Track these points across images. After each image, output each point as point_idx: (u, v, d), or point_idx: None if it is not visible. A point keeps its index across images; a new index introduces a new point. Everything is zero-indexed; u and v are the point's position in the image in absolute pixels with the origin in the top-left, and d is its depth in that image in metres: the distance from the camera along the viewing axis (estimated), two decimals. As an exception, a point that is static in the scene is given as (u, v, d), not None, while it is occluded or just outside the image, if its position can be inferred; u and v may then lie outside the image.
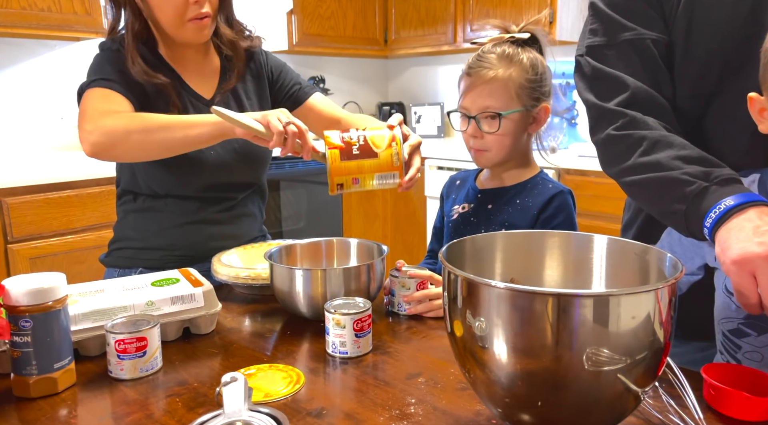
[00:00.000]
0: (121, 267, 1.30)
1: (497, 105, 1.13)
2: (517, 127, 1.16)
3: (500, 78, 1.13)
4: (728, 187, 0.78)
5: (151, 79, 1.19)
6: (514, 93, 1.13)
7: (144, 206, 1.29)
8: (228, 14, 1.31)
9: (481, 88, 1.14)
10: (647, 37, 0.94)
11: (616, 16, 0.97)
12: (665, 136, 0.88)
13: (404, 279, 1.06)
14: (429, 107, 3.93)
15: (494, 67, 1.13)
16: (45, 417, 0.74)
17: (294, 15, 3.39)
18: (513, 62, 1.13)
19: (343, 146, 1.03)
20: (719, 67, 0.92)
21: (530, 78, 1.14)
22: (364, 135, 1.04)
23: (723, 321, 0.84)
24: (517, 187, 1.20)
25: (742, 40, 0.89)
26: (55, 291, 0.78)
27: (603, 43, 0.98)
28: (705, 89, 0.94)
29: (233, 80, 1.31)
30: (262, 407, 0.69)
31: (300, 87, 1.41)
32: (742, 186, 0.79)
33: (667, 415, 0.71)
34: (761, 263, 0.68)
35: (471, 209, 1.23)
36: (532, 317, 0.56)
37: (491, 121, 1.14)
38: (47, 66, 2.85)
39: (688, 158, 0.84)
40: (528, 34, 1.17)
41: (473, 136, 1.17)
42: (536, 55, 1.16)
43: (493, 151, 1.17)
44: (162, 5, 1.16)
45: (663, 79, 0.95)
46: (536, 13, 3.08)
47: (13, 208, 2.21)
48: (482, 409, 0.74)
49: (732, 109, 0.93)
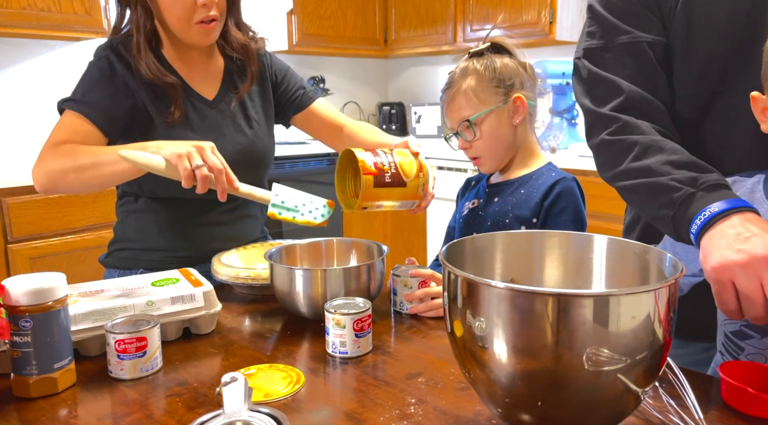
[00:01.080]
0: (122, 268, 1.30)
1: (467, 113, 1.21)
2: (496, 125, 1.21)
3: (461, 90, 1.21)
4: (714, 192, 0.78)
5: (162, 76, 1.19)
6: (475, 98, 1.20)
7: (145, 207, 1.29)
8: (237, 18, 1.31)
9: (451, 105, 1.23)
10: (643, 39, 0.95)
11: (613, 18, 0.97)
12: (656, 140, 0.88)
13: (406, 278, 1.07)
14: (429, 107, 3.94)
15: (455, 84, 1.23)
16: (45, 417, 0.74)
17: (294, 15, 3.39)
18: (468, 73, 1.21)
19: (377, 172, 1.01)
20: (719, 66, 0.92)
21: (488, 77, 1.20)
22: (395, 162, 1.04)
23: (725, 323, 0.84)
24: (522, 178, 1.23)
25: (742, 39, 0.89)
26: (55, 291, 0.78)
27: (600, 46, 0.98)
28: (705, 89, 0.94)
29: (248, 84, 1.32)
30: (262, 407, 0.69)
31: (304, 91, 1.41)
32: (729, 191, 0.79)
33: (667, 415, 0.71)
34: (739, 271, 0.68)
35: (480, 204, 1.27)
36: (532, 317, 0.56)
37: (467, 130, 1.22)
38: (47, 66, 2.85)
39: (678, 163, 0.84)
40: (486, 45, 1.23)
41: (463, 148, 1.25)
42: (492, 58, 1.22)
43: (486, 156, 1.24)
44: (170, 7, 1.16)
45: (659, 81, 0.95)
46: (536, 13, 3.08)
47: (13, 208, 2.21)
48: (482, 409, 0.74)
49: (733, 109, 0.93)
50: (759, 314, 0.69)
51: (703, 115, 0.96)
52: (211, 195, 1.28)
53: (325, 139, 1.44)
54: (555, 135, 2.94)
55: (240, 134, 1.30)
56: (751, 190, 0.83)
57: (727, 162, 0.95)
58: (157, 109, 1.22)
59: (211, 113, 1.28)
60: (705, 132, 0.96)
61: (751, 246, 0.68)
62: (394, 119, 4.12)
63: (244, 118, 1.32)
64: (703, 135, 0.97)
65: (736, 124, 0.93)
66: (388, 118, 4.12)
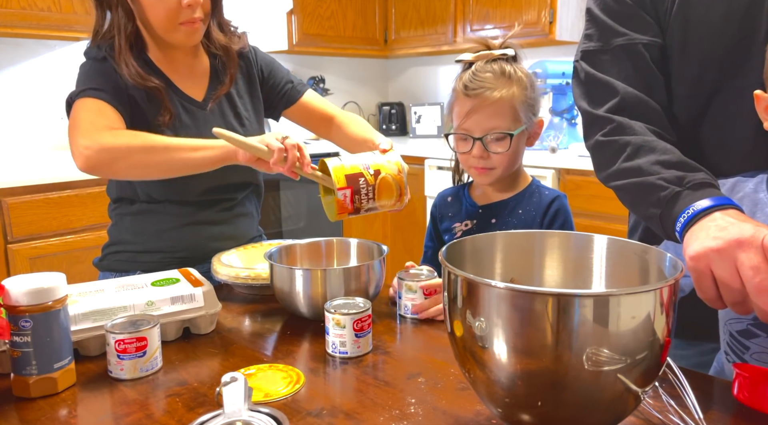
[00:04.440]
0: (119, 271, 1.29)
1: (505, 125, 1.11)
2: (521, 143, 1.16)
3: (505, 98, 1.11)
4: (700, 191, 0.79)
5: (144, 82, 1.18)
6: (518, 111, 1.12)
7: (141, 209, 1.28)
8: (219, 18, 1.30)
9: (487, 110, 1.11)
10: (639, 41, 0.95)
11: (610, 21, 0.98)
12: (648, 141, 0.89)
13: (410, 282, 1.05)
14: (429, 107, 3.94)
15: (497, 88, 1.11)
16: (45, 417, 0.74)
17: (294, 15, 3.39)
18: (512, 80, 1.12)
19: (352, 210, 1.06)
20: (717, 65, 0.92)
21: (529, 94, 1.14)
22: (374, 192, 1.06)
23: (731, 322, 0.84)
24: (516, 197, 1.20)
25: (739, 37, 0.90)
26: (55, 291, 0.78)
27: (597, 49, 1.00)
28: (703, 88, 0.94)
29: (226, 86, 1.31)
30: (262, 407, 0.69)
31: (292, 85, 1.41)
32: (715, 189, 0.80)
33: (667, 415, 0.71)
34: (715, 256, 0.69)
35: (475, 225, 1.22)
36: (532, 317, 0.56)
37: (500, 142, 1.12)
38: (47, 66, 2.85)
39: (668, 163, 0.85)
40: (513, 51, 1.15)
41: (480, 157, 1.14)
42: (525, 70, 1.16)
43: (499, 169, 1.15)
44: (154, 8, 1.15)
45: (655, 82, 0.96)
46: (536, 13, 3.08)
47: (13, 208, 2.21)
48: (482, 409, 0.74)
49: (731, 107, 0.93)
50: (737, 299, 0.69)
51: (702, 114, 0.96)
52: (208, 196, 1.28)
53: (316, 131, 1.45)
54: (555, 135, 2.94)
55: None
56: (754, 189, 0.83)
57: (727, 160, 0.95)
58: (149, 111, 1.21)
59: (202, 114, 1.28)
60: (704, 131, 0.97)
61: (726, 233, 0.69)
62: (394, 119, 4.12)
63: (234, 116, 1.32)
64: (702, 134, 0.97)
65: (735, 123, 0.93)
66: (388, 118, 4.12)
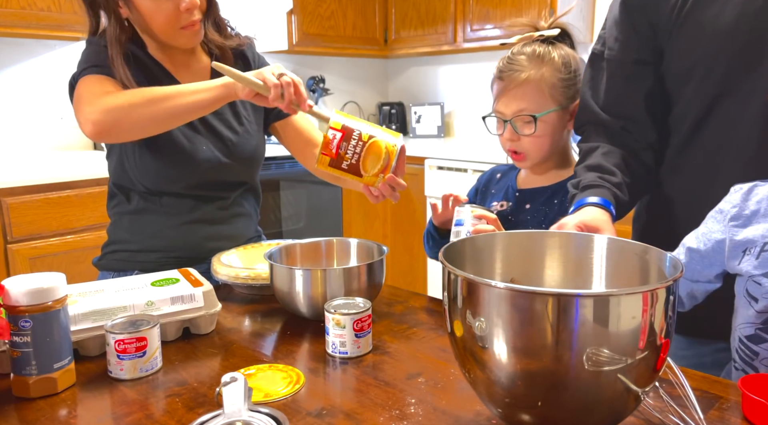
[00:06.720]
0: (117, 271, 1.29)
1: (532, 107, 1.11)
2: (554, 126, 1.14)
3: (532, 79, 1.11)
4: (584, 192, 0.98)
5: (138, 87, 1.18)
6: (547, 93, 1.12)
7: (138, 207, 1.28)
8: (215, 17, 1.30)
9: (515, 91, 1.12)
10: (627, 58, 1.03)
11: (614, 29, 1.04)
12: (592, 147, 1.05)
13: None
14: (429, 107, 3.94)
15: (526, 69, 1.11)
16: (45, 417, 0.74)
17: (294, 15, 3.39)
18: (544, 62, 1.12)
19: (334, 156, 1.04)
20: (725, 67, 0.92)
21: (563, 76, 1.12)
22: (359, 155, 1.04)
23: (741, 327, 0.83)
24: (555, 186, 1.18)
25: (748, 41, 0.89)
26: (55, 291, 0.78)
27: (599, 52, 1.08)
28: (710, 90, 0.94)
29: None
30: (262, 407, 0.69)
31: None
32: (595, 190, 0.96)
33: (667, 415, 0.71)
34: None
35: (509, 208, 1.21)
36: (532, 317, 0.56)
37: (527, 124, 1.13)
38: (47, 66, 2.85)
39: (589, 166, 1.02)
40: (557, 30, 1.14)
41: (510, 139, 1.15)
42: (568, 51, 1.14)
43: (531, 153, 1.16)
44: (154, 16, 1.16)
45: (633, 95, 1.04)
46: (536, 13, 3.07)
47: (13, 208, 2.21)
48: (482, 409, 0.74)
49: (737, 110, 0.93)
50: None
51: (707, 115, 0.96)
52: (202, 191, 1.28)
53: (296, 153, 1.41)
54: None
55: (230, 131, 1.30)
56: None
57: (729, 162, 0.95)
58: None
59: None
60: (709, 133, 0.97)
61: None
62: (394, 119, 4.12)
63: (233, 115, 1.32)
64: (707, 136, 0.97)
65: (740, 126, 0.93)
66: (388, 118, 4.12)
